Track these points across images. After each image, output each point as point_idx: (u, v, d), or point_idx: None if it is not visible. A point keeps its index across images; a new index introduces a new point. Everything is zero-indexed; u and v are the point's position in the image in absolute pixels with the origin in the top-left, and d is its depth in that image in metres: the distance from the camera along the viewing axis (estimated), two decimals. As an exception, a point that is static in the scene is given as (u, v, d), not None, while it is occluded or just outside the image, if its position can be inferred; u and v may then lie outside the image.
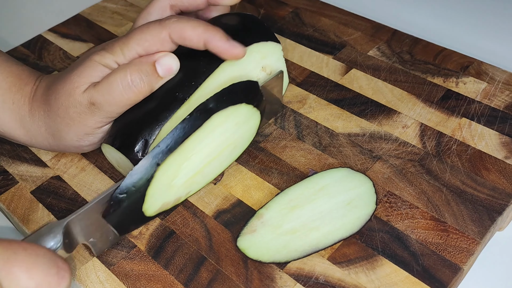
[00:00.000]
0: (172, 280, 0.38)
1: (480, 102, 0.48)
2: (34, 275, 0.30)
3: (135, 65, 0.39)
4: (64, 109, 0.41)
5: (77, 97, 0.40)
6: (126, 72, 0.39)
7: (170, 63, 0.40)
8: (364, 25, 0.58)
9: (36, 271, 0.30)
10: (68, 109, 0.41)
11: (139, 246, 0.40)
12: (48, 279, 0.31)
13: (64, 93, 0.41)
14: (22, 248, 0.31)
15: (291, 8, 0.62)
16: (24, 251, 0.31)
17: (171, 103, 0.41)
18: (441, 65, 0.52)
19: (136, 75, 0.39)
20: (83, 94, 0.40)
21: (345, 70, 0.53)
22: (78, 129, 0.41)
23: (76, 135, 0.42)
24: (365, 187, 0.41)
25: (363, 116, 0.48)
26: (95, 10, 0.66)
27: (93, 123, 0.41)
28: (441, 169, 0.43)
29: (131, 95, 0.39)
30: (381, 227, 0.40)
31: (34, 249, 0.31)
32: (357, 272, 0.37)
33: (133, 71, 0.39)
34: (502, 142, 0.45)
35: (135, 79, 0.39)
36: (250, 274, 0.38)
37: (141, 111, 0.41)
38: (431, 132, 0.46)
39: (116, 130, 0.41)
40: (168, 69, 0.40)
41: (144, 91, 0.40)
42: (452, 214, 0.40)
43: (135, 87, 0.39)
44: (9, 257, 0.30)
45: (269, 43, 0.45)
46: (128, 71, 0.39)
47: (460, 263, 0.37)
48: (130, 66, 0.39)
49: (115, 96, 0.39)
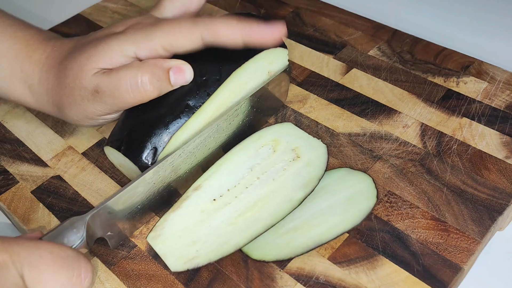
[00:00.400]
0: (173, 280, 0.38)
1: (481, 102, 0.48)
2: (59, 278, 0.31)
3: (149, 66, 0.38)
4: (69, 90, 0.40)
5: (83, 81, 0.39)
6: (138, 72, 0.38)
7: (184, 73, 0.39)
8: (365, 25, 0.58)
9: (61, 274, 0.31)
10: (73, 90, 0.40)
11: (140, 246, 0.40)
12: (73, 280, 0.32)
13: (72, 74, 0.40)
14: (47, 251, 0.31)
15: (292, 8, 0.62)
16: (50, 255, 0.31)
17: (182, 111, 0.41)
18: (442, 65, 0.52)
19: (148, 77, 0.38)
20: (91, 79, 0.39)
21: (346, 69, 0.53)
22: (79, 112, 0.41)
23: (76, 115, 0.42)
24: (365, 184, 0.41)
25: (363, 116, 0.48)
26: (95, 10, 0.66)
27: (92, 110, 0.41)
28: (441, 169, 0.43)
29: (137, 95, 0.39)
30: (382, 227, 0.40)
31: (59, 251, 0.32)
32: (358, 272, 0.37)
33: (145, 72, 0.38)
34: (503, 142, 0.45)
35: (145, 81, 0.38)
36: (251, 274, 0.38)
37: (150, 117, 0.41)
38: (432, 132, 0.46)
39: (123, 134, 0.41)
40: (181, 78, 0.39)
41: (151, 94, 0.39)
42: (452, 214, 0.40)
43: (143, 88, 0.38)
44: (36, 261, 0.30)
45: (278, 49, 0.45)
46: (140, 71, 0.38)
47: (460, 262, 0.37)
48: (144, 66, 0.38)
49: (121, 92, 0.39)
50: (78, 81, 0.40)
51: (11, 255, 0.30)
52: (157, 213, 0.42)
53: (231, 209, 0.40)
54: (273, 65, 0.45)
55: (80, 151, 0.48)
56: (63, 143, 0.49)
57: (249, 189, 0.41)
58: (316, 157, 0.42)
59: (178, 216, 0.40)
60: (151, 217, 0.42)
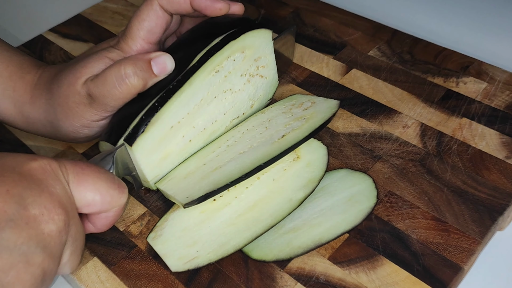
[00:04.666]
0: (173, 279, 0.38)
1: (481, 102, 0.48)
2: (99, 188, 0.36)
3: (131, 59, 0.40)
4: (64, 99, 0.41)
5: (77, 87, 0.41)
6: (121, 66, 0.40)
7: (165, 62, 0.41)
8: (365, 25, 0.58)
9: (101, 185, 0.36)
10: (68, 98, 0.41)
11: (140, 246, 0.40)
12: (111, 192, 0.36)
13: (67, 83, 0.41)
14: (87, 166, 0.36)
15: (292, 8, 0.62)
16: (89, 168, 0.36)
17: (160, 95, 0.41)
18: (442, 65, 0.52)
19: (131, 68, 0.39)
20: (83, 85, 0.41)
21: (346, 70, 0.53)
22: (75, 121, 0.42)
23: (72, 126, 0.42)
24: (365, 184, 0.41)
25: (363, 116, 0.48)
26: (96, 10, 0.66)
27: (90, 115, 0.41)
28: (441, 169, 0.43)
29: (124, 89, 0.40)
30: (382, 227, 0.40)
31: (97, 168, 0.36)
32: (358, 271, 0.37)
33: (127, 65, 0.40)
34: (503, 142, 0.45)
35: (129, 73, 0.39)
36: (251, 274, 0.38)
37: (134, 107, 0.41)
38: (432, 132, 0.46)
39: (111, 126, 0.42)
40: (162, 68, 0.40)
41: (137, 85, 0.40)
42: (453, 214, 0.40)
43: (128, 80, 0.39)
44: (78, 172, 0.35)
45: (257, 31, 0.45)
46: (123, 64, 0.40)
47: (460, 263, 0.37)
48: (126, 59, 0.40)
49: (109, 89, 0.40)
50: (73, 87, 0.41)
51: (60, 165, 0.35)
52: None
53: (231, 209, 0.40)
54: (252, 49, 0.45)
55: (80, 151, 0.48)
56: (63, 143, 0.49)
57: (249, 189, 0.41)
58: (316, 158, 0.42)
59: (178, 216, 0.40)
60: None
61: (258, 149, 0.42)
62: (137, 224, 0.42)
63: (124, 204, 0.38)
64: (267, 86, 0.48)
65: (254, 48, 0.44)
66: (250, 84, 0.46)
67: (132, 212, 0.43)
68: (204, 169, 0.42)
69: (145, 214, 0.42)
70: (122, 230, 0.42)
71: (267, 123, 0.45)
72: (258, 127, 0.45)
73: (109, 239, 0.41)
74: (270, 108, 0.47)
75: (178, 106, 0.41)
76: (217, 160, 0.42)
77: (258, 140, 0.43)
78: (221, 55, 0.42)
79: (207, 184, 0.40)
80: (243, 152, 0.42)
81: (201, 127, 0.44)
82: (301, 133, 0.43)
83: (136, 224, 0.42)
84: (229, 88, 0.44)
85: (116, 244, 0.41)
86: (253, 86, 0.46)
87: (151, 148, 0.40)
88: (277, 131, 0.44)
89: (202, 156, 0.43)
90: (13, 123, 0.45)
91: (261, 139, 0.43)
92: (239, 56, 0.44)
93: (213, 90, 0.43)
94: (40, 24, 0.48)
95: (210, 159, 0.43)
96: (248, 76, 0.45)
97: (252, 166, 0.40)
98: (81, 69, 0.41)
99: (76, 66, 0.42)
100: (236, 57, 0.43)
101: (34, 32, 0.63)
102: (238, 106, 0.46)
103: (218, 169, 0.41)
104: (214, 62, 0.42)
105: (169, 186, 0.41)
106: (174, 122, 0.41)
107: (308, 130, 0.43)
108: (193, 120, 0.42)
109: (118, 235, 0.41)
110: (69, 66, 0.43)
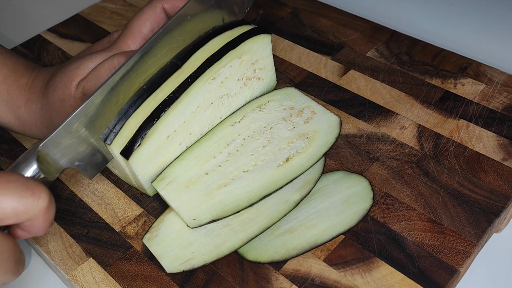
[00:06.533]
0: (168, 281, 0.38)
1: (478, 104, 0.48)
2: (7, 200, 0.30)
3: (123, 53, 0.40)
4: (60, 103, 0.41)
5: (72, 90, 0.41)
6: (114, 58, 0.39)
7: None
8: (363, 26, 0.58)
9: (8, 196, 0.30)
10: (64, 102, 0.41)
11: (135, 247, 0.40)
12: (23, 201, 0.31)
13: (62, 86, 0.41)
14: None
15: (290, 8, 0.62)
16: None
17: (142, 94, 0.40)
18: (440, 66, 0.52)
19: (124, 59, 0.39)
20: (77, 87, 0.40)
21: (343, 71, 0.53)
22: None
23: None
24: (361, 186, 0.41)
25: (360, 117, 0.48)
26: (94, 10, 0.66)
27: None
28: (438, 171, 0.43)
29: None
30: (378, 228, 0.40)
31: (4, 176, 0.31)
32: (353, 274, 0.37)
33: (121, 56, 0.40)
34: (500, 144, 0.44)
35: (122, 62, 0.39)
36: (246, 276, 0.38)
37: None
38: (429, 134, 0.46)
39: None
40: None
41: None
42: (449, 216, 0.40)
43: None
44: None
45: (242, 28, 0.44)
46: (117, 57, 0.40)
47: (456, 265, 0.37)
48: (119, 53, 0.40)
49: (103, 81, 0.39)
50: (68, 90, 0.41)
51: None
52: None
53: None
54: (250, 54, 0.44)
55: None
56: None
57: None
58: None
59: (174, 217, 0.40)
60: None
61: (263, 171, 0.41)
62: (133, 225, 0.42)
63: (47, 206, 0.32)
64: (264, 87, 0.48)
65: (251, 53, 0.44)
66: (246, 88, 0.46)
67: (128, 213, 0.43)
68: (207, 181, 0.41)
69: (141, 215, 0.42)
70: (118, 231, 0.42)
71: (269, 133, 0.44)
72: (259, 134, 0.44)
73: (105, 240, 0.41)
74: (267, 104, 0.46)
75: (175, 116, 0.40)
76: (220, 172, 0.41)
77: (262, 156, 0.42)
78: (219, 65, 0.42)
79: (213, 207, 0.39)
80: (248, 170, 0.41)
81: (198, 133, 0.43)
82: (306, 159, 0.42)
83: (132, 225, 0.42)
84: (225, 93, 0.44)
85: (111, 245, 0.41)
86: (249, 89, 0.46)
87: (147, 159, 0.40)
88: (280, 149, 0.43)
89: (202, 158, 0.42)
90: (8, 126, 0.45)
91: (265, 157, 0.42)
92: (236, 61, 0.43)
93: (209, 97, 0.42)
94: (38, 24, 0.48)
95: (212, 168, 0.42)
96: (245, 80, 0.45)
97: (259, 195, 0.40)
98: (75, 70, 0.41)
99: (70, 68, 0.41)
100: (233, 63, 0.43)
101: (32, 32, 0.63)
102: (234, 109, 0.46)
103: (222, 187, 0.40)
104: (212, 71, 0.42)
105: (169, 193, 0.40)
106: (170, 131, 0.41)
107: (313, 157, 0.42)
108: (189, 127, 0.42)
109: (114, 236, 0.41)
110: (63, 68, 0.42)
